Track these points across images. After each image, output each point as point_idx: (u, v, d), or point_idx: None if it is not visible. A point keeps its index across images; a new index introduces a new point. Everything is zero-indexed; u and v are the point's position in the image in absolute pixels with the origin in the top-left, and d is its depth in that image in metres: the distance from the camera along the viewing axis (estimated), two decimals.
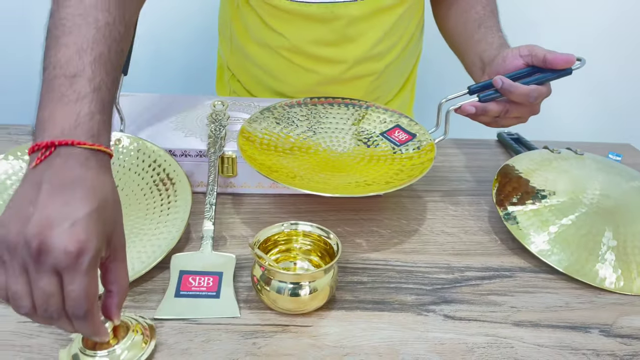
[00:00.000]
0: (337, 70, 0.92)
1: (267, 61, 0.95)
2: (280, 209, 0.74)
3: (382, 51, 0.92)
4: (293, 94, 0.96)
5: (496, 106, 0.70)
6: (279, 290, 0.54)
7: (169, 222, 0.64)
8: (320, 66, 0.92)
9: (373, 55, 0.91)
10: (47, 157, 0.44)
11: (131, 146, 0.72)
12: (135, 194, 0.68)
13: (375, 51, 0.91)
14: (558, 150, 0.81)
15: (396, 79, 1.01)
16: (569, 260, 0.65)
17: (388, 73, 0.97)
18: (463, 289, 0.62)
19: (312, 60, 0.91)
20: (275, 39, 0.90)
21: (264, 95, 0.99)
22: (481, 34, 0.82)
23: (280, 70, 0.94)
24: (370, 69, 0.93)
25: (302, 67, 0.92)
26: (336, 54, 0.90)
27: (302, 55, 0.91)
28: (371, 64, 0.93)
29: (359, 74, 0.93)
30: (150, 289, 0.59)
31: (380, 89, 0.98)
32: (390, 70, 0.97)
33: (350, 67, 0.91)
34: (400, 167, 0.72)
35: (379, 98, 1.00)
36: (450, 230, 0.72)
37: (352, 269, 0.64)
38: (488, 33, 0.81)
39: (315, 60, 0.91)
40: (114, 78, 0.52)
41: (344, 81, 0.93)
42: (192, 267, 0.59)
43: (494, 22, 0.83)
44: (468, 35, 0.85)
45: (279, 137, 0.76)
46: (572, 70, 0.70)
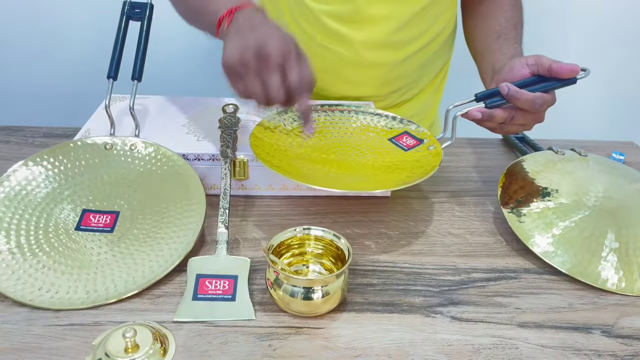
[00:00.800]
0: (354, 52, 0.93)
1: None
2: (291, 211, 0.77)
3: (401, 40, 0.94)
4: None
5: (502, 113, 0.72)
6: (292, 294, 0.56)
7: (184, 226, 0.66)
8: (337, 45, 0.93)
9: (392, 42, 0.93)
10: (232, 20, 0.69)
11: (146, 151, 0.74)
12: (152, 198, 0.70)
13: (395, 39, 0.93)
14: (562, 152, 0.83)
15: (415, 76, 1.02)
16: (572, 262, 0.67)
17: (405, 67, 0.98)
18: (469, 291, 0.64)
19: (330, 37, 0.93)
20: (297, 3, 0.93)
21: None
22: (498, 45, 0.84)
23: None
24: (387, 56, 0.95)
25: (321, 44, 0.94)
26: (353, 33, 0.92)
27: (321, 30, 0.93)
28: (389, 51, 0.94)
29: (375, 60, 0.94)
30: (169, 291, 0.61)
31: (397, 82, 1.00)
32: (408, 65, 0.98)
33: (367, 50, 0.93)
34: (407, 169, 0.74)
35: (396, 92, 1.01)
36: (456, 231, 0.74)
37: (362, 272, 0.66)
38: (504, 44, 0.83)
39: (334, 38, 0.93)
40: None
41: (359, 65, 0.95)
42: (208, 270, 0.62)
43: (513, 34, 0.85)
44: (487, 45, 0.87)
45: (290, 140, 0.78)
46: (576, 79, 0.71)
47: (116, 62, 0.73)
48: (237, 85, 0.67)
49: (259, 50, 0.64)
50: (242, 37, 0.66)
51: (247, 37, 0.65)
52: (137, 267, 0.62)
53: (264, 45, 0.64)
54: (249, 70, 0.65)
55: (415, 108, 1.08)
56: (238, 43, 0.65)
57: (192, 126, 0.82)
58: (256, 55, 0.64)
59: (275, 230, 0.72)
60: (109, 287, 0.60)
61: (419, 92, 1.07)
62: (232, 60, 0.65)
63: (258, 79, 0.65)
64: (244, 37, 0.66)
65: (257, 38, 0.65)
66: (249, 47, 0.64)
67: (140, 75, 0.74)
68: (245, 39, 0.65)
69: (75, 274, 0.61)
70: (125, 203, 0.69)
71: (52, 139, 0.91)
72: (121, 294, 0.59)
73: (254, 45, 0.64)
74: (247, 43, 0.65)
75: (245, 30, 0.66)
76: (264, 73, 0.65)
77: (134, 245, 0.65)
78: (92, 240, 0.65)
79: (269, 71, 0.65)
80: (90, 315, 0.57)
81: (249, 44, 0.64)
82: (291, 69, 0.65)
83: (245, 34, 0.66)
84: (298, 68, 0.66)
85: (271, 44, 0.64)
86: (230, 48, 0.66)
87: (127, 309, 0.58)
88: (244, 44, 0.65)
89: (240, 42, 0.65)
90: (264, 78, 0.65)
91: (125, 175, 0.72)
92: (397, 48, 0.95)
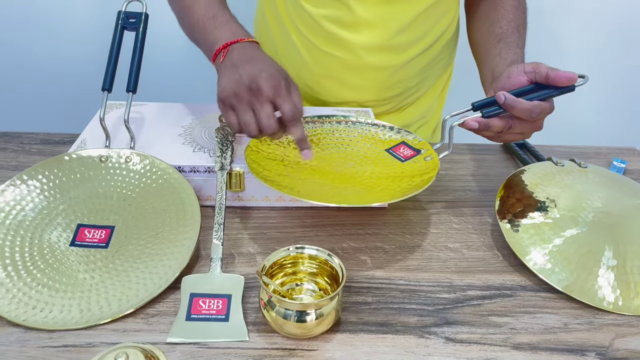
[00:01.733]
0: (354, 56, 0.92)
1: (289, 44, 0.98)
2: (287, 223, 0.76)
3: (402, 43, 0.93)
4: (312, 80, 0.98)
5: (499, 122, 0.71)
6: (285, 316, 0.56)
7: (179, 242, 0.66)
8: (337, 49, 0.93)
9: (392, 45, 0.92)
10: (227, 53, 0.74)
11: (141, 163, 0.74)
12: (146, 213, 0.70)
13: (395, 42, 0.92)
14: (561, 163, 0.82)
15: (417, 79, 1.01)
16: (569, 280, 0.66)
17: (407, 71, 0.97)
18: (464, 309, 0.63)
19: (330, 41, 0.92)
20: (295, 8, 0.93)
21: None
22: (499, 49, 0.83)
23: (299, 53, 0.96)
24: (388, 60, 0.94)
25: (320, 48, 0.94)
26: (352, 37, 0.91)
27: (320, 35, 0.93)
28: (389, 55, 0.93)
29: (376, 63, 0.94)
30: (163, 310, 0.61)
31: (399, 86, 0.99)
32: (410, 69, 0.97)
33: (367, 54, 0.92)
34: (404, 181, 0.73)
35: (398, 96, 1.00)
36: (453, 245, 0.74)
37: (357, 289, 0.66)
38: (505, 49, 0.82)
39: (333, 42, 0.92)
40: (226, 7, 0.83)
41: (360, 69, 0.94)
42: (202, 289, 0.62)
43: (514, 38, 0.84)
44: (487, 49, 0.86)
45: (287, 152, 0.77)
46: (575, 87, 0.70)
47: (111, 74, 0.73)
48: (231, 118, 0.71)
49: (251, 83, 0.69)
50: (235, 71, 0.70)
51: (240, 70, 0.70)
52: (132, 284, 0.62)
53: (256, 78, 0.69)
54: (241, 103, 0.69)
55: (418, 112, 1.08)
56: (231, 77, 0.70)
57: (188, 136, 0.82)
58: (248, 88, 0.69)
59: (271, 244, 0.72)
60: (102, 307, 0.60)
61: (422, 95, 1.06)
62: (226, 94, 0.70)
63: (250, 111, 0.70)
64: (236, 71, 0.70)
65: (249, 71, 0.69)
66: (242, 80, 0.69)
67: (135, 87, 0.74)
68: (237, 72, 0.70)
69: (70, 291, 0.61)
70: (120, 217, 0.69)
71: (49, 146, 0.91)
72: (115, 314, 0.59)
73: (247, 78, 0.69)
74: (239, 77, 0.69)
75: (239, 64, 0.71)
76: (256, 105, 0.69)
77: (129, 261, 0.65)
78: (87, 256, 0.65)
79: (261, 103, 0.69)
80: (84, 336, 0.57)
81: (241, 77, 0.69)
82: (283, 100, 0.69)
83: (238, 67, 0.70)
84: (289, 99, 0.70)
85: (263, 77, 0.69)
86: (225, 81, 0.71)
87: (120, 329, 0.58)
88: (237, 77, 0.70)
89: (233, 75, 0.70)
90: (256, 110, 0.69)
91: (120, 189, 0.72)
92: (398, 51, 0.94)
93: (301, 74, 0.99)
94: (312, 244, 0.70)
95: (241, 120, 0.70)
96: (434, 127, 1.13)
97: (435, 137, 1.13)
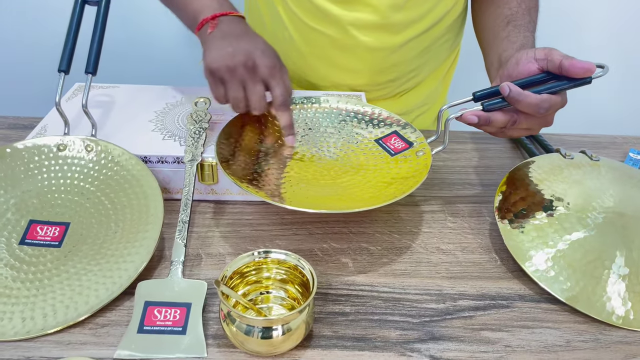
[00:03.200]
0: (345, 34, 0.85)
1: (277, 20, 0.90)
2: (264, 220, 0.69)
3: (399, 22, 0.84)
4: (301, 59, 0.90)
5: (502, 116, 0.63)
6: (247, 332, 0.49)
7: (137, 243, 0.60)
8: (327, 26, 0.85)
9: (387, 24, 0.84)
10: (216, 25, 0.69)
11: (102, 153, 0.67)
12: (105, 209, 0.63)
13: (391, 20, 0.83)
14: (571, 156, 0.74)
15: (417, 63, 0.93)
16: (574, 289, 0.59)
17: (405, 52, 0.89)
18: (454, 322, 0.57)
19: (319, 17, 0.84)
20: None
21: None
22: (507, 32, 0.75)
23: (287, 29, 0.89)
24: (383, 40, 0.86)
25: (309, 25, 0.86)
26: (343, 13, 0.83)
27: (308, 10, 0.85)
28: (385, 34, 0.85)
29: (369, 44, 0.86)
30: (115, 320, 0.55)
31: (396, 70, 0.91)
32: (409, 51, 0.89)
33: (359, 32, 0.84)
34: (391, 178, 0.66)
35: (394, 81, 0.92)
36: (446, 247, 0.67)
37: (335, 297, 0.59)
38: (514, 32, 0.74)
39: (323, 18, 0.84)
40: None
41: (352, 49, 0.87)
42: (158, 296, 0.55)
43: (525, 20, 0.75)
44: (495, 32, 0.78)
45: (262, 140, 0.70)
46: (592, 79, 0.62)
47: (69, 54, 0.66)
48: (218, 89, 0.68)
49: (246, 59, 0.65)
50: (228, 44, 0.66)
51: (234, 44, 0.66)
52: (82, 290, 0.56)
53: (252, 54, 0.66)
54: (234, 77, 0.66)
55: (418, 98, 0.99)
56: (224, 49, 0.66)
57: (159, 122, 0.75)
58: (244, 64, 0.65)
59: (243, 244, 0.65)
60: (47, 315, 0.54)
61: (422, 81, 0.98)
62: (218, 65, 0.66)
63: (242, 88, 0.67)
64: (230, 44, 0.66)
65: (245, 47, 0.66)
66: (236, 55, 0.65)
67: (94, 68, 0.66)
68: (231, 46, 0.66)
69: (14, 297, 0.55)
70: (76, 213, 0.63)
71: (17, 131, 0.85)
72: (60, 324, 0.53)
73: (242, 54, 0.65)
74: (233, 50, 0.66)
75: (231, 38, 0.67)
76: (249, 82, 0.66)
77: (82, 263, 0.58)
78: (37, 256, 0.59)
79: (254, 82, 0.67)
80: (22, 349, 0.51)
81: (236, 51, 0.66)
82: (277, 83, 0.67)
83: (231, 41, 0.67)
84: (283, 82, 0.68)
85: (259, 55, 0.66)
86: (216, 52, 0.66)
87: (65, 341, 0.52)
88: (231, 51, 0.66)
89: (226, 48, 0.66)
90: (248, 88, 0.67)
91: (78, 182, 0.65)
92: (394, 31, 0.85)
93: (289, 52, 0.91)
94: (289, 244, 0.64)
95: (230, 96, 0.67)
96: (436, 114, 1.05)
97: None
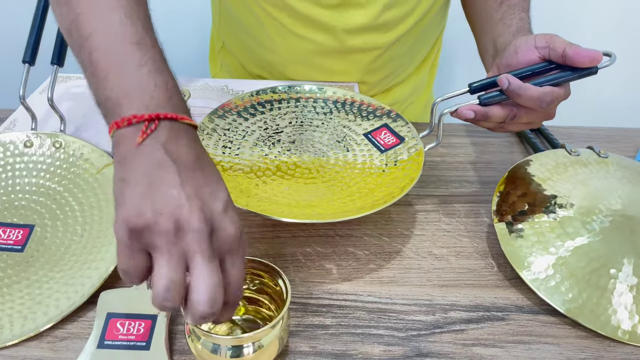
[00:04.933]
0: (334, 39, 0.79)
1: (254, 24, 0.82)
2: (245, 221, 0.65)
3: (391, 20, 0.78)
4: (284, 66, 0.85)
5: (501, 111, 0.58)
6: (213, 350, 0.45)
7: (104, 248, 0.56)
8: (314, 33, 0.79)
9: (378, 25, 0.78)
10: (154, 132, 0.39)
11: (71, 150, 0.63)
12: (72, 210, 0.59)
13: (381, 20, 0.78)
14: (577, 152, 0.69)
15: (408, 57, 0.88)
16: (577, 301, 0.54)
17: (396, 49, 0.83)
18: (443, 337, 0.52)
19: (305, 24, 0.78)
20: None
21: (254, 68, 0.89)
22: (501, 14, 0.68)
23: (268, 36, 0.82)
24: (374, 41, 0.80)
25: (293, 32, 0.80)
26: (333, 19, 0.77)
27: (292, 16, 0.78)
28: (375, 35, 0.79)
29: (360, 46, 0.80)
30: (75, 332, 0.51)
31: (387, 67, 0.86)
32: (400, 46, 0.83)
33: (351, 37, 0.78)
34: (380, 179, 0.61)
35: (386, 78, 0.87)
36: (439, 251, 0.62)
37: (315, 307, 0.54)
38: (508, 13, 0.68)
39: (309, 25, 0.78)
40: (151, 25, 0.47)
41: (342, 53, 0.81)
42: (122, 307, 0.51)
43: None
44: (488, 14, 0.72)
45: (242, 136, 0.66)
46: (597, 69, 0.56)
47: (33, 44, 0.61)
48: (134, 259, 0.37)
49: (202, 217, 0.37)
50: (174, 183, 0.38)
51: (186, 186, 0.38)
52: (43, 299, 0.52)
53: (212, 211, 0.38)
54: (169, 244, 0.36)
55: (407, 90, 0.94)
56: (167, 191, 0.37)
57: None
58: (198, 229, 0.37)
59: None
60: (4, 326, 0.50)
61: (412, 72, 0.92)
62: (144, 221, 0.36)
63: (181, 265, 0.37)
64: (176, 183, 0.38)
65: (201, 194, 0.38)
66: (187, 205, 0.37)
67: (60, 58, 0.62)
68: (179, 187, 0.38)
69: None
70: (41, 215, 0.59)
71: None
72: (16, 337, 0.49)
73: (197, 206, 0.37)
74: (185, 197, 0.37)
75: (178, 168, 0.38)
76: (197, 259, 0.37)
77: (44, 269, 0.54)
78: None
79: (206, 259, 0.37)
80: None
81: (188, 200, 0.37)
82: (233, 263, 0.39)
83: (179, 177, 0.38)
84: (241, 262, 0.40)
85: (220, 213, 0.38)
86: (144, 194, 0.37)
87: (19, 356, 0.48)
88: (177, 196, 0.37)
89: (170, 190, 0.37)
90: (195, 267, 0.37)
91: (44, 180, 0.61)
92: (385, 30, 0.79)
93: (269, 57, 0.85)
94: (270, 248, 0.60)
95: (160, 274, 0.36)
96: (424, 103, 0.99)
97: (427, 114, 0.99)
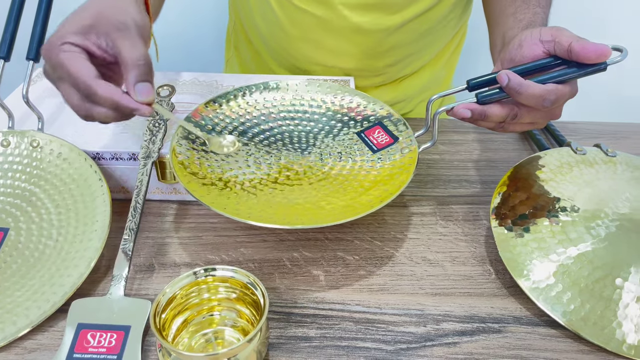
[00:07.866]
0: (333, 13, 0.76)
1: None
2: (230, 224, 0.62)
3: (395, 1, 0.75)
4: (289, 42, 0.83)
5: (500, 110, 0.54)
6: None
7: (78, 253, 0.53)
8: (312, 5, 0.76)
9: (383, 3, 0.75)
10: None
11: (49, 150, 0.60)
12: (49, 213, 0.57)
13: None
14: (583, 151, 0.65)
15: (418, 46, 0.84)
16: (579, 312, 0.50)
17: (403, 34, 0.80)
18: (434, 351, 0.49)
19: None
20: None
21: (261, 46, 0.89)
22: (514, 8, 0.66)
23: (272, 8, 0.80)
24: (378, 21, 0.77)
25: (294, 4, 0.77)
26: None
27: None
28: (380, 14, 0.76)
29: (363, 25, 0.77)
30: (45, 343, 0.48)
31: (393, 54, 0.82)
32: (408, 33, 0.80)
33: (351, 12, 0.75)
34: (372, 182, 0.58)
35: (393, 65, 0.84)
36: (434, 256, 0.59)
37: (299, 317, 0.51)
38: (522, 7, 0.64)
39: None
40: None
41: (343, 31, 0.78)
42: (94, 318, 0.48)
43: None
44: (501, 7, 0.69)
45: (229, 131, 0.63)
46: (606, 65, 0.52)
47: (10, 38, 0.59)
48: None
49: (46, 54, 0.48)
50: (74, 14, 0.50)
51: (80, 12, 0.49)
52: (13, 308, 0.50)
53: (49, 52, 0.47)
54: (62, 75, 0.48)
55: (419, 84, 0.90)
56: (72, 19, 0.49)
57: None
58: None
59: (203, 253, 0.59)
60: None
61: (424, 65, 0.89)
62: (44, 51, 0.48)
63: None
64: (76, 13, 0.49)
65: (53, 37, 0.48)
66: None
67: (37, 54, 0.59)
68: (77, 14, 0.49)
69: None
70: (17, 218, 0.56)
71: None
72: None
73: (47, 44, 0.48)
74: None
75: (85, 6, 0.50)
76: None
77: (16, 276, 0.52)
78: None
79: None
80: None
81: None
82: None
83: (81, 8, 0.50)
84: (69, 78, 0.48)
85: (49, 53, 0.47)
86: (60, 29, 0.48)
87: None
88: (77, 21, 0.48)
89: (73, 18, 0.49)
90: None
91: (20, 182, 0.59)
92: (390, 11, 0.76)
93: (276, 34, 0.83)
94: (255, 253, 0.57)
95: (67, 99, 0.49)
96: (440, 101, 0.95)
97: None
